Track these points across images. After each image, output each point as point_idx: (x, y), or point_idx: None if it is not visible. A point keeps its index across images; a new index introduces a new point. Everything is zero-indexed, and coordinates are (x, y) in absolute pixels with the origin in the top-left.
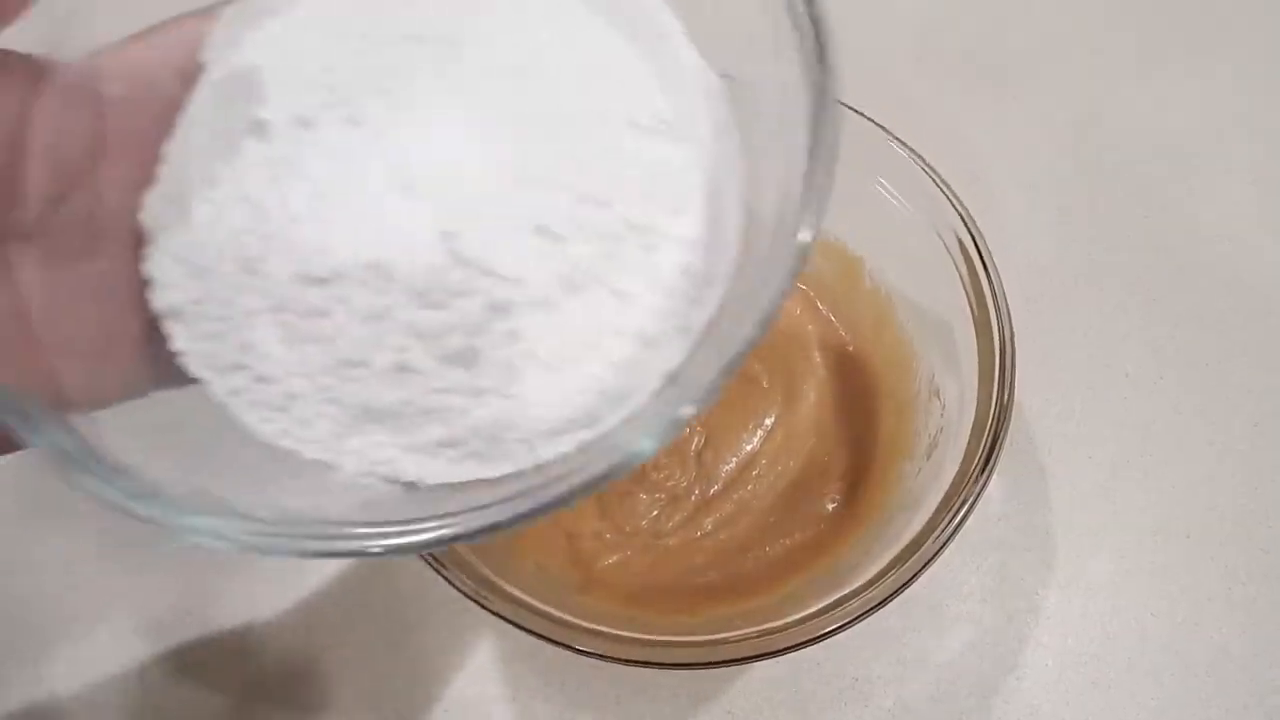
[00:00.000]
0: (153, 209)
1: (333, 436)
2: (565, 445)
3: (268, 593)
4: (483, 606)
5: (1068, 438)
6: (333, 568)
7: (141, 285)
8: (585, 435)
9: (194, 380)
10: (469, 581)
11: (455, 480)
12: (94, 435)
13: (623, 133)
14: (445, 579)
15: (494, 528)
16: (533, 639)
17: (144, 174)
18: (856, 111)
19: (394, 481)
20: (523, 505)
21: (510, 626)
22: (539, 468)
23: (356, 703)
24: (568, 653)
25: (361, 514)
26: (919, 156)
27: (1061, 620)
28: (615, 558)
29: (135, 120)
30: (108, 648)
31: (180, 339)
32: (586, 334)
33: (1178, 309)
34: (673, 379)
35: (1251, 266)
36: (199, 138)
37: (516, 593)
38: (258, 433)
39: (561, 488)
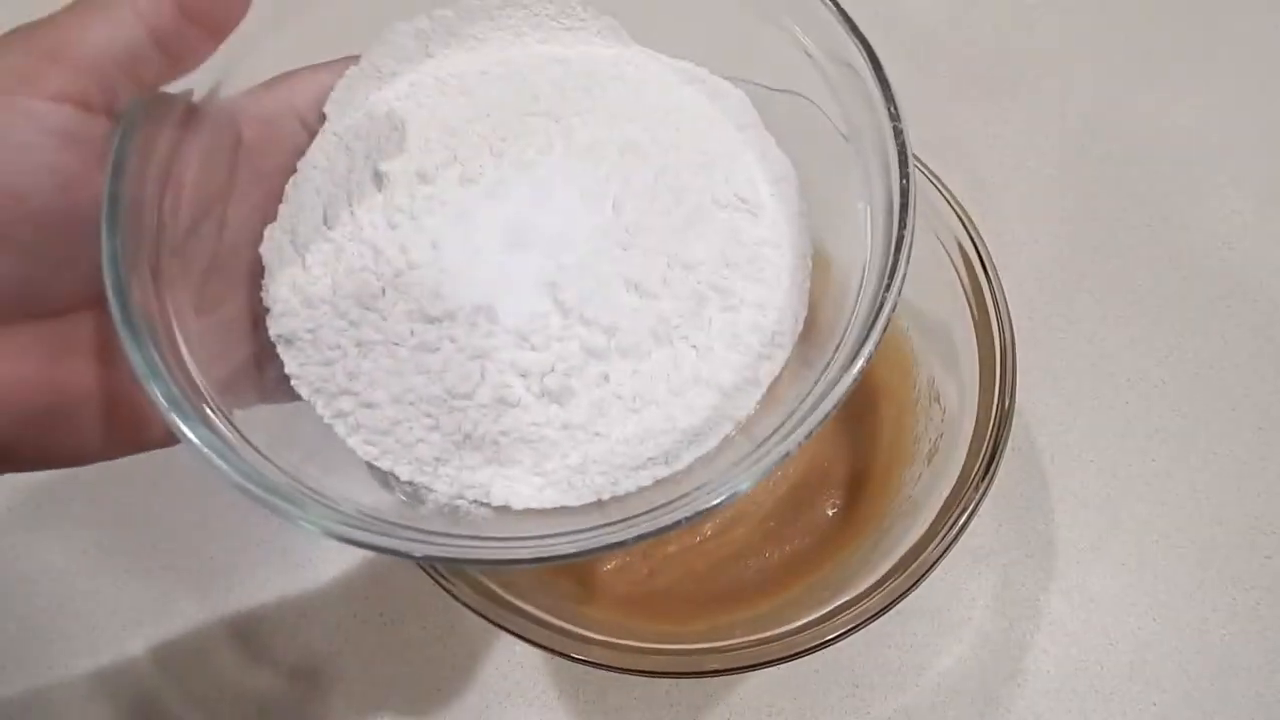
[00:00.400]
0: (272, 243)
1: (431, 460)
2: (644, 480)
3: (267, 601)
4: (483, 616)
5: (1069, 444)
6: (332, 576)
7: (254, 311)
8: (662, 472)
9: (300, 399)
10: (470, 592)
11: (540, 506)
12: (226, 430)
13: (711, 207)
14: (446, 590)
15: (598, 549)
16: (533, 647)
17: (266, 210)
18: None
19: (483, 504)
20: (628, 532)
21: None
22: (616, 499)
23: (357, 710)
24: (568, 661)
25: (450, 527)
26: (920, 161)
27: (1063, 627)
28: (614, 564)
29: (262, 161)
30: (105, 655)
31: (292, 364)
32: (670, 381)
33: (1180, 315)
34: (742, 426)
35: (1254, 273)
36: (319, 181)
37: (517, 602)
38: (359, 452)
39: (669, 519)
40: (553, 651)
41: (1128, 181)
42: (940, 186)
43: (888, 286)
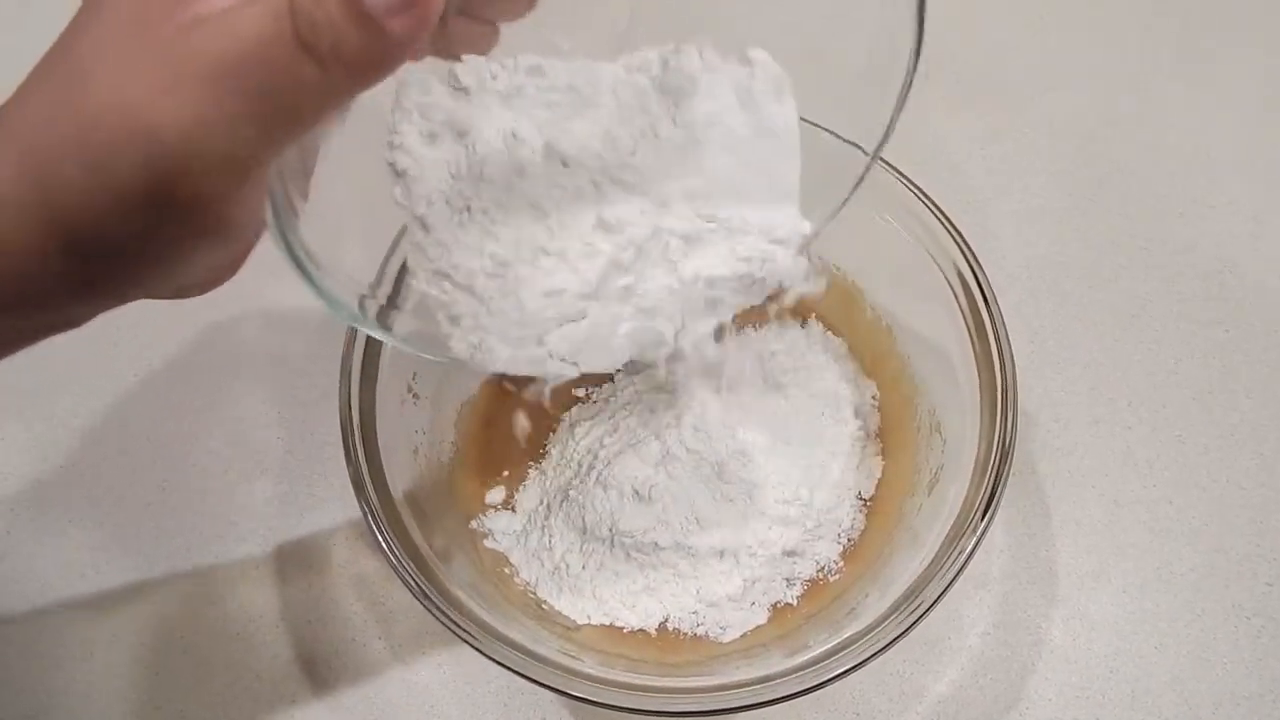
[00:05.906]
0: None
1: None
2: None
3: (264, 624)
4: (480, 651)
5: (1071, 472)
6: (329, 599)
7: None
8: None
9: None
10: (467, 625)
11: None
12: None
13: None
14: (443, 623)
15: None
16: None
17: None
18: (855, 145)
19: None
20: None
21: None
22: None
23: None
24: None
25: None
26: (917, 187)
27: (1065, 655)
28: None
29: None
30: (102, 662)
31: (400, 196)
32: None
33: (1178, 340)
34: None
35: (1252, 297)
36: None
37: (512, 635)
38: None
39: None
40: (549, 688)
41: (1124, 204)
42: (938, 213)
43: None
